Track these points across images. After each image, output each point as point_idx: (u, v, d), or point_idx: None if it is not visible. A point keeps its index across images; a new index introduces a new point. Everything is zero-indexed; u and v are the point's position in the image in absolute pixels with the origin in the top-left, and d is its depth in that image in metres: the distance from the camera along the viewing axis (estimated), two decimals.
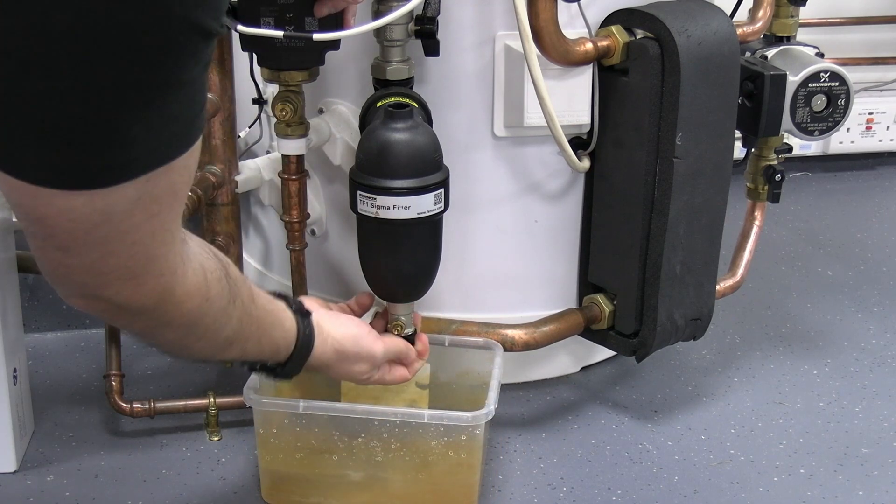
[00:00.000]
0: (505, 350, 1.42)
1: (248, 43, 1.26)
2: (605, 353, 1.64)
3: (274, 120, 1.35)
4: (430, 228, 1.27)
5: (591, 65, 1.38)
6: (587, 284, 1.53)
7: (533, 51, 1.29)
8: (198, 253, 0.89)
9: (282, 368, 1.10)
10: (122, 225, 0.76)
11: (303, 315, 1.11)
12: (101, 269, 0.79)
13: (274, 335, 1.06)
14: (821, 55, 1.57)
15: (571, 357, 1.63)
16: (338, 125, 1.44)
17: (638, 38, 1.36)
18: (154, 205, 0.77)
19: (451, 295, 1.49)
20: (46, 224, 0.75)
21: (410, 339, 1.29)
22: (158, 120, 0.73)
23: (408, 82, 1.34)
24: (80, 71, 0.67)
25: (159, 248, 0.81)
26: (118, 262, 0.79)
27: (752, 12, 1.54)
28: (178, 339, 0.93)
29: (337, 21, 1.22)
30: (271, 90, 1.42)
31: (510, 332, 1.45)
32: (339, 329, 1.16)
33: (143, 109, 0.71)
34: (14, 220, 1.34)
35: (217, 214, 1.48)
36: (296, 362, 1.10)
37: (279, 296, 1.11)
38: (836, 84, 1.52)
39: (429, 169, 1.24)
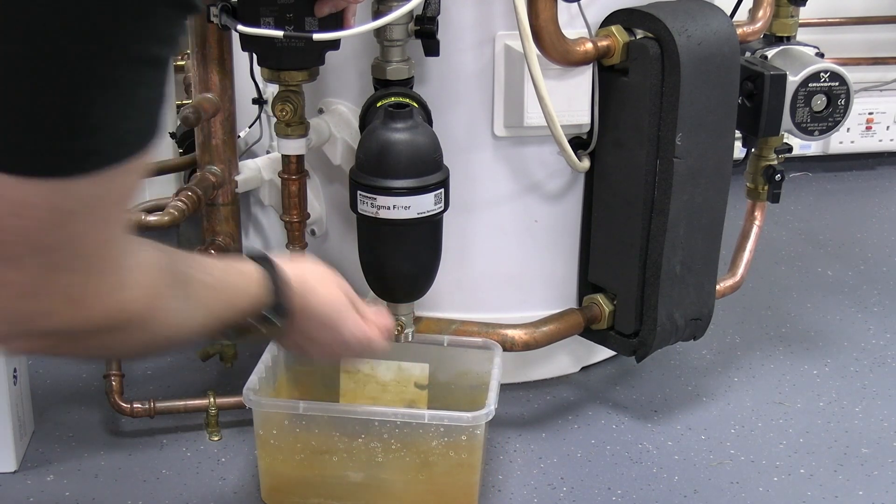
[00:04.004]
0: (505, 350, 1.42)
1: (248, 43, 1.26)
2: (605, 353, 1.64)
3: (274, 120, 1.35)
4: (430, 228, 1.28)
5: (591, 65, 1.38)
6: (587, 284, 1.53)
7: (533, 51, 1.29)
8: (142, 248, 0.80)
9: (273, 307, 0.99)
10: (74, 230, 0.69)
11: (257, 258, 1.01)
12: (42, 288, 0.70)
13: (239, 287, 0.96)
14: (821, 55, 1.57)
15: (571, 357, 1.63)
16: (338, 125, 1.44)
17: (638, 38, 1.36)
18: (107, 210, 0.71)
19: (451, 295, 1.48)
20: None
21: None
22: (121, 105, 0.67)
23: (408, 82, 1.33)
24: (41, 36, 0.62)
25: (108, 263, 0.73)
26: (62, 279, 0.70)
27: (752, 12, 1.54)
28: (141, 346, 0.84)
29: (337, 21, 1.22)
30: (271, 90, 1.42)
31: (510, 332, 1.45)
32: (302, 259, 1.09)
33: (108, 87, 0.66)
34: None
35: (217, 214, 1.48)
36: (282, 291, 0.99)
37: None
38: (836, 84, 1.52)
39: (429, 169, 1.24)
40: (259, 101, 1.50)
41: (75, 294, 0.72)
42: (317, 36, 1.21)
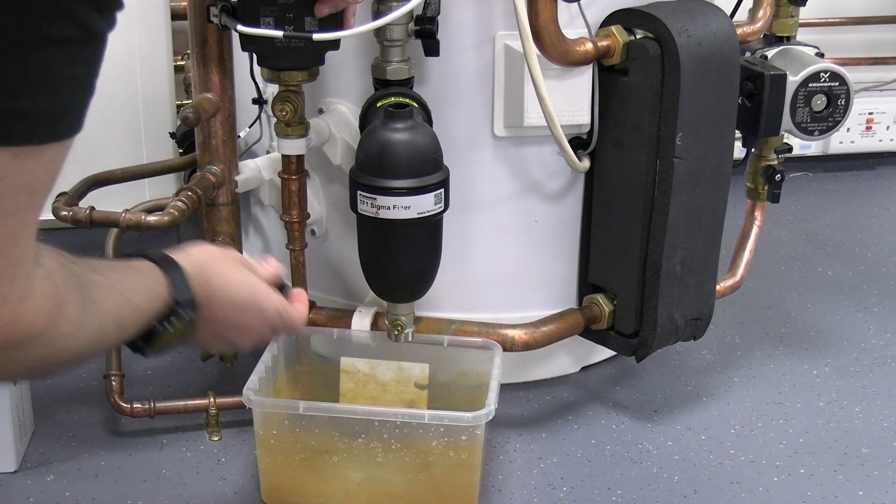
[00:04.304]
0: (505, 350, 1.42)
1: (248, 43, 1.26)
2: (605, 353, 1.64)
3: (274, 120, 1.35)
4: (430, 228, 1.27)
5: (591, 65, 1.38)
6: (587, 284, 1.53)
7: (533, 51, 1.29)
8: (40, 253, 0.72)
9: (175, 300, 0.87)
10: None
11: (139, 255, 0.90)
12: None
13: (134, 284, 0.85)
14: (821, 55, 1.57)
15: (571, 357, 1.63)
16: (338, 125, 1.44)
17: (638, 38, 1.36)
18: (10, 199, 0.63)
19: (451, 295, 1.48)
20: None
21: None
22: (36, 73, 0.61)
23: (408, 82, 1.33)
24: None
25: (6, 268, 0.65)
26: None
27: (752, 12, 1.54)
28: (40, 360, 0.74)
29: (337, 21, 1.22)
30: (271, 90, 1.42)
31: (510, 332, 1.45)
32: (189, 246, 0.96)
33: (22, 47, 0.60)
34: None
35: (217, 214, 1.48)
36: (180, 282, 0.88)
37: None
38: (836, 84, 1.52)
39: (429, 169, 1.24)
40: (259, 101, 1.50)
41: None
42: (317, 36, 1.21)
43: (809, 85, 1.51)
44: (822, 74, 1.51)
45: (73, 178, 1.50)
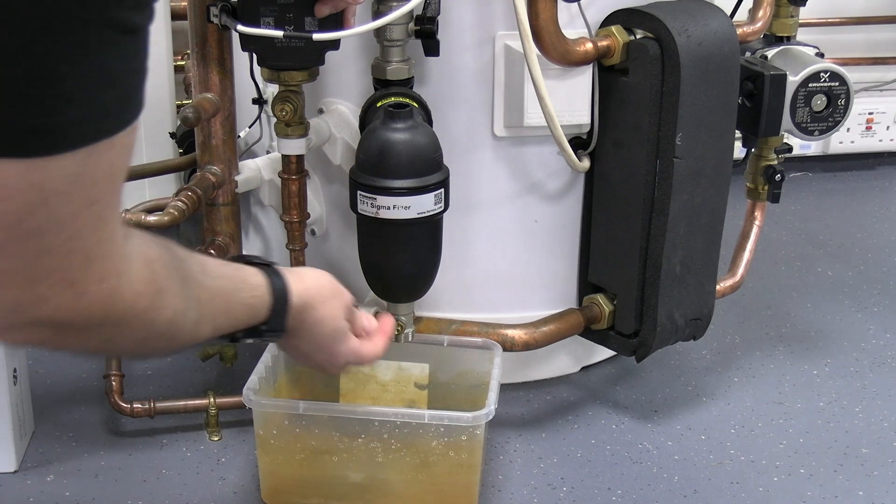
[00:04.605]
0: (505, 350, 1.42)
1: (248, 43, 1.26)
2: (605, 353, 1.64)
3: (274, 120, 1.35)
4: (430, 228, 1.27)
5: (591, 65, 1.38)
6: (587, 284, 1.53)
7: (533, 51, 1.29)
8: (139, 243, 0.79)
9: (266, 325, 0.98)
10: (60, 211, 0.67)
11: (264, 265, 1.00)
12: (35, 274, 0.68)
13: (241, 297, 0.94)
14: (821, 55, 1.57)
15: (571, 357, 1.63)
16: (338, 125, 1.44)
17: (638, 38, 1.36)
18: (93, 189, 0.68)
19: (451, 295, 1.48)
20: None
21: None
22: (95, 75, 0.65)
23: (408, 82, 1.33)
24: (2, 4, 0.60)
25: (99, 247, 0.71)
26: (54, 264, 0.69)
27: (752, 12, 1.54)
28: (141, 342, 0.82)
29: (337, 21, 1.22)
30: (271, 90, 1.42)
31: (510, 332, 1.45)
32: (307, 271, 1.07)
33: (78, 56, 0.64)
34: None
35: (217, 214, 1.48)
36: (279, 312, 0.98)
37: (237, 258, 1.02)
38: (836, 84, 1.52)
39: (429, 169, 1.24)
40: (259, 101, 1.50)
41: (69, 279, 0.70)
42: (317, 36, 1.21)
43: (809, 85, 1.51)
44: (822, 74, 1.51)
45: None
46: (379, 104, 1.29)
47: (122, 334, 0.78)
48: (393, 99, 1.29)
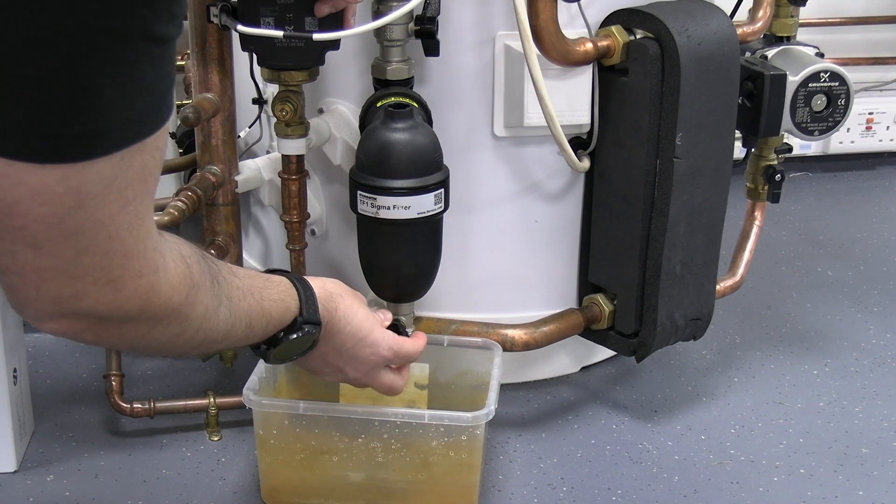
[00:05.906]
0: (504, 350, 1.42)
1: (248, 43, 1.26)
2: (605, 353, 1.64)
3: (274, 120, 1.35)
4: (430, 228, 1.28)
5: (591, 65, 1.38)
6: (587, 284, 1.53)
7: (533, 51, 1.29)
8: (172, 240, 0.83)
9: (302, 315, 1.01)
10: (98, 212, 0.71)
11: (278, 271, 1.06)
12: (75, 271, 0.72)
13: (269, 293, 0.98)
14: (821, 55, 1.57)
15: (571, 357, 1.63)
16: (338, 125, 1.44)
17: (638, 38, 1.36)
18: (128, 190, 0.72)
19: (451, 295, 1.48)
20: (17, 211, 0.69)
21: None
22: (131, 84, 0.68)
23: (408, 82, 1.34)
24: (47, 14, 0.63)
25: (136, 244, 0.75)
26: (93, 262, 0.73)
27: (752, 12, 1.54)
28: (176, 337, 0.85)
29: (337, 21, 1.22)
30: (271, 90, 1.42)
31: (510, 332, 1.45)
32: (320, 277, 1.11)
33: (116, 66, 0.67)
34: None
35: (217, 214, 1.48)
36: (310, 300, 1.02)
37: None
38: (836, 84, 1.52)
39: (429, 169, 1.24)
40: (259, 101, 1.50)
41: (108, 276, 0.74)
42: (317, 36, 1.21)
43: (809, 85, 1.51)
44: (822, 74, 1.51)
45: None
46: (379, 104, 1.29)
47: (157, 329, 0.82)
48: (393, 99, 1.29)
